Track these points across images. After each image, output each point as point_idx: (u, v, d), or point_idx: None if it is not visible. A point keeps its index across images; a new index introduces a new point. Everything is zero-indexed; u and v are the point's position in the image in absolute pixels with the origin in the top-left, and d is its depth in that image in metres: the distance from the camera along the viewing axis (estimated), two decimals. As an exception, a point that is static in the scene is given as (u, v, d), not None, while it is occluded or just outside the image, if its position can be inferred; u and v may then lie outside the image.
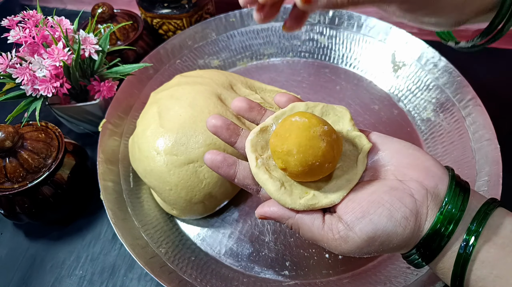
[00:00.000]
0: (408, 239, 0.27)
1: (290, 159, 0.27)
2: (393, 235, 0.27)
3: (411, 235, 0.27)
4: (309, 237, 0.29)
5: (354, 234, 0.27)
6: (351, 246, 0.27)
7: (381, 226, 0.27)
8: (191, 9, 0.63)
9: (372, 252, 0.28)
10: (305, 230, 0.29)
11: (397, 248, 0.28)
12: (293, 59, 0.64)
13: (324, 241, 0.28)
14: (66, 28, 0.48)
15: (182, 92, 0.46)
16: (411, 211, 0.27)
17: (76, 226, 0.49)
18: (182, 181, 0.42)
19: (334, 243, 0.28)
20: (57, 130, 0.47)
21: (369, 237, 0.27)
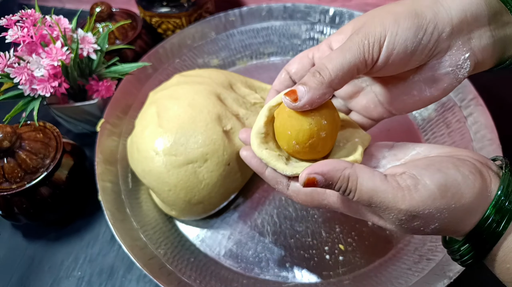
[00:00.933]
0: (478, 196, 0.24)
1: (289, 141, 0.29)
2: (464, 186, 0.24)
3: (480, 192, 0.24)
4: (369, 188, 0.25)
5: (425, 182, 0.24)
6: (423, 194, 0.24)
7: (451, 175, 0.24)
8: (190, 8, 0.63)
9: (444, 209, 0.24)
10: (365, 179, 0.25)
11: (468, 208, 0.24)
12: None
13: (388, 192, 0.24)
14: (65, 27, 0.48)
15: (181, 92, 0.46)
16: (475, 168, 0.25)
17: (75, 226, 0.49)
18: (181, 182, 0.42)
19: (400, 193, 0.24)
20: (55, 130, 0.47)
21: (441, 184, 0.24)
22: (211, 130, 0.43)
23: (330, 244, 0.44)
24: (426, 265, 0.40)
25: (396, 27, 0.27)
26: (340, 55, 0.27)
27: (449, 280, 0.36)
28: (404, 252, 0.43)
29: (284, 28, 0.64)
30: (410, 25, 0.26)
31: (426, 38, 0.27)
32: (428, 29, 0.26)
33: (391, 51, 0.27)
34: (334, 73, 0.27)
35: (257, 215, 0.47)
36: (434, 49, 0.27)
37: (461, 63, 0.28)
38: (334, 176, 0.26)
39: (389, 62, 0.27)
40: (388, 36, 0.27)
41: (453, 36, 0.27)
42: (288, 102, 0.27)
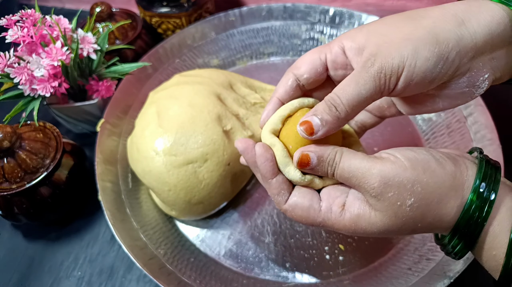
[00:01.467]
0: (451, 177, 0.25)
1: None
2: (435, 165, 0.26)
3: (454, 174, 0.26)
4: (350, 158, 0.27)
5: (396, 155, 0.26)
6: (394, 163, 0.26)
7: (421, 154, 0.26)
8: (190, 8, 0.63)
9: (415, 180, 0.25)
10: (348, 153, 0.27)
11: (442, 186, 0.25)
12: (293, 59, 0.64)
13: (365, 161, 0.26)
14: (65, 27, 0.48)
15: (181, 92, 0.46)
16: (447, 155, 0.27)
17: (75, 226, 0.49)
18: (181, 182, 0.42)
19: (374, 161, 0.26)
20: (55, 130, 0.47)
21: (410, 158, 0.26)
22: (211, 130, 0.43)
23: (330, 244, 0.44)
24: (426, 265, 0.40)
25: (415, 59, 0.25)
26: (356, 88, 0.26)
27: (449, 280, 0.36)
28: (404, 252, 0.43)
29: (284, 28, 0.64)
30: (430, 55, 0.25)
31: (446, 67, 0.26)
32: (449, 58, 0.25)
33: (408, 83, 0.26)
34: (350, 109, 0.27)
35: (257, 215, 0.47)
36: (454, 74, 0.26)
37: (479, 84, 0.27)
38: (324, 153, 0.27)
39: (406, 91, 0.27)
40: (406, 67, 0.26)
41: (474, 59, 0.26)
42: (304, 135, 0.28)
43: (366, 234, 0.28)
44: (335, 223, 0.28)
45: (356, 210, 0.27)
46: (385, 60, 0.26)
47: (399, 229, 0.26)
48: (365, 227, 0.27)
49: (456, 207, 0.25)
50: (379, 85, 0.26)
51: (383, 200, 0.26)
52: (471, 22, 0.25)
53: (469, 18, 0.25)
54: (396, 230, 0.27)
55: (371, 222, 0.27)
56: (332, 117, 0.27)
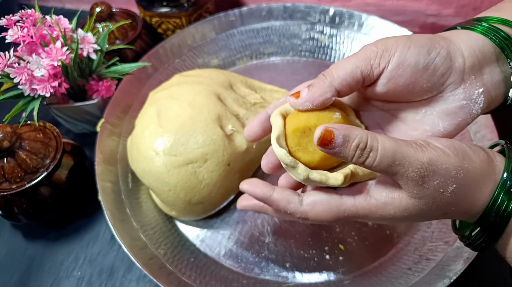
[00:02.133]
0: (486, 164, 0.26)
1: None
2: (470, 152, 0.26)
3: (487, 161, 0.26)
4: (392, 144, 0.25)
5: (435, 144, 0.26)
6: (439, 150, 0.25)
7: (456, 143, 0.26)
8: (191, 8, 0.63)
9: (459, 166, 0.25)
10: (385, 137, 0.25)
11: (480, 174, 0.25)
12: (293, 59, 0.64)
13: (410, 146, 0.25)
14: (64, 27, 0.48)
15: (181, 92, 0.46)
16: (477, 145, 0.27)
17: (75, 226, 0.49)
18: (181, 182, 0.42)
19: (419, 149, 0.25)
20: (55, 130, 0.47)
21: (450, 146, 0.26)
22: (211, 130, 0.43)
23: (330, 244, 0.44)
24: (426, 265, 0.40)
25: (409, 42, 0.27)
26: (347, 59, 0.28)
27: (449, 280, 0.36)
28: (404, 252, 0.43)
29: (284, 28, 0.64)
30: (423, 43, 0.27)
31: (439, 60, 0.27)
32: (441, 53, 0.27)
33: (402, 61, 0.27)
34: (337, 74, 0.27)
35: (257, 215, 0.47)
36: (447, 77, 0.27)
37: (475, 98, 0.28)
38: (350, 133, 0.24)
39: (399, 73, 0.27)
40: (400, 47, 0.27)
41: (466, 71, 0.27)
42: (291, 100, 0.28)
43: (392, 219, 0.27)
44: (360, 209, 0.27)
45: (383, 198, 0.26)
46: (382, 41, 0.28)
47: (431, 213, 0.26)
48: (393, 213, 0.26)
49: (488, 191, 0.26)
50: (369, 57, 0.27)
51: (428, 188, 0.25)
52: (454, 38, 0.28)
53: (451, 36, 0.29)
54: (427, 215, 0.26)
55: (401, 208, 0.26)
56: (318, 83, 0.28)
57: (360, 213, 0.27)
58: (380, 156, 0.24)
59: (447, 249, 0.40)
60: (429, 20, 0.66)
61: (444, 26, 0.65)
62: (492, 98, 0.28)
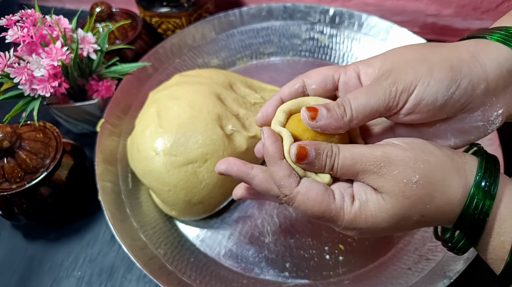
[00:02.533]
0: (449, 159, 0.26)
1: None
2: (430, 147, 0.26)
3: (452, 156, 0.26)
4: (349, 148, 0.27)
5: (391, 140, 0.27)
6: (393, 146, 0.26)
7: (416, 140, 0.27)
8: (191, 8, 0.63)
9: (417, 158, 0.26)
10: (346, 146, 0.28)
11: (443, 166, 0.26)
12: (293, 59, 0.64)
13: (364, 147, 0.27)
14: (65, 27, 0.48)
15: (181, 92, 0.46)
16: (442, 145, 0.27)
17: (75, 226, 0.49)
18: (181, 182, 0.42)
19: (375, 146, 0.27)
20: (55, 130, 0.47)
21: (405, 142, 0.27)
22: (211, 130, 0.43)
23: (330, 244, 0.44)
24: (426, 265, 0.40)
25: (428, 78, 0.26)
26: (365, 97, 0.27)
27: (449, 280, 0.36)
28: (404, 252, 0.43)
29: (284, 28, 0.64)
30: (444, 77, 0.26)
31: (458, 93, 0.26)
32: (462, 84, 0.26)
33: (419, 102, 0.27)
34: (355, 114, 0.27)
35: (257, 215, 0.47)
36: (467, 104, 0.27)
37: (493, 119, 0.27)
38: (320, 146, 0.27)
39: (416, 111, 0.27)
40: (418, 85, 0.26)
41: (488, 93, 0.27)
42: (306, 118, 0.28)
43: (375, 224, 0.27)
44: (346, 214, 0.27)
45: (364, 196, 0.27)
46: (399, 75, 0.27)
47: (408, 211, 0.26)
48: (374, 212, 0.26)
49: (461, 187, 0.25)
50: (388, 98, 0.27)
51: (390, 179, 0.26)
52: (481, 56, 0.27)
53: (479, 52, 0.27)
54: (405, 213, 0.26)
55: (379, 206, 0.26)
56: (337, 115, 0.27)
57: (346, 218, 0.27)
58: (341, 158, 0.27)
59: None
60: (429, 20, 0.66)
61: (444, 26, 0.65)
62: (510, 115, 0.28)
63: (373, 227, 0.27)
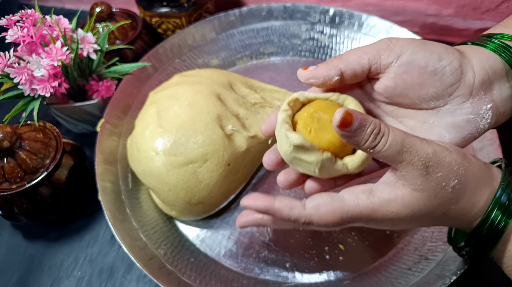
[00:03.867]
0: (484, 168, 0.27)
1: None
2: (470, 156, 0.27)
3: (485, 166, 0.27)
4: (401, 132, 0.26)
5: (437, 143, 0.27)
6: (441, 145, 0.27)
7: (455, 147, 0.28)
8: (191, 8, 0.63)
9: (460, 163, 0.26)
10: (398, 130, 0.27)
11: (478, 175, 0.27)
12: (293, 59, 0.64)
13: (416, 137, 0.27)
14: (65, 27, 0.48)
15: (181, 92, 0.46)
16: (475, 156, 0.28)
17: (75, 226, 0.49)
18: (181, 182, 0.42)
19: (425, 141, 0.26)
20: (55, 130, 0.47)
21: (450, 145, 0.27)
22: (211, 130, 0.43)
23: (330, 244, 0.44)
24: (426, 265, 0.40)
25: (423, 45, 0.28)
26: (359, 47, 0.29)
27: (449, 280, 0.36)
28: (404, 252, 0.43)
29: (284, 28, 0.64)
30: (437, 50, 0.28)
31: (449, 69, 0.27)
32: (453, 63, 0.28)
33: (411, 60, 0.28)
34: (345, 57, 0.29)
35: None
36: (456, 89, 0.28)
37: (483, 113, 0.28)
38: (367, 118, 0.25)
39: (406, 70, 0.28)
40: (413, 46, 0.28)
41: (475, 86, 0.28)
42: (300, 70, 0.30)
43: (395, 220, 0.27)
44: (363, 209, 0.27)
45: (386, 195, 0.27)
46: (396, 38, 0.29)
47: (434, 209, 0.26)
48: (396, 211, 0.26)
49: (485, 197, 0.26)
50: (380, 48, 0.28)
51: (431, 180, 0.25)
52: (467, 53, 0.29)
53: (465, 50, 0.29)
54: (430, 211, 0.26)
55: (404, 204, 0.26)
56: (327, 62, 0.30)
57: (363, 212, 0.27)
58: (390, 141, 0.25)
59: (447, 249, 0.40)
60: (429, 20, 0.66)
61: (444, 26, 0.65)
62: (501, 114, 0.29)
63: (393, 220, 0.27)
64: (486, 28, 0.33)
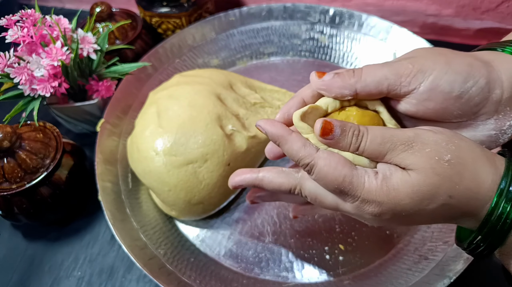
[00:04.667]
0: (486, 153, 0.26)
1: None
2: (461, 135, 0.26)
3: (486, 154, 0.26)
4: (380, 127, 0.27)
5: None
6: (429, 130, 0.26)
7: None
8: (191, 8, 0.63)
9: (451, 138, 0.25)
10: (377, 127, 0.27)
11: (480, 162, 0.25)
12: (293, 59, 0.64)
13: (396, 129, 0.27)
14: (65, 27, 0.48)
15: (181, 92, 0.46)
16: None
17: (75, 226, 0.49)
18: (181, 182, 0.42)
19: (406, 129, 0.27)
20: (55, 130, 0.47)
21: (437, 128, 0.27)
22: (211, 130, 0.43)
23: (330, 244, 0.44)
24: (426, 265, 0.40)
25: (446, 67, 0.26)
26: (381, 67, 0.27)
27: (449, 280, 0.36)
28: (404, 252, 0.43)
29: (284, 28, 0.64)
30: (462, 70, 0.26)
31: (475, 90, 0.26)
32: (479, 82, 0.26)
33: (435, 87, 0.26)
34: (364, 77, 0.27)
35: (257, 215, 0.47)
36: (481, 107, 0.27)
37: (506, 129, 0.27)
38: (345, 123, 0.27)
39: (430, 97, 0.27)
40: (436, 71, 0.26)
41: (502, 102, 0.26)
42: (313, 76, 0.29)
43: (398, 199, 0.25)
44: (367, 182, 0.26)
45: (387, 172, 0.26)
46: (419, 59, 0.27)
47: (436, 189, 0.25)
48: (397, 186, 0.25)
49: (491, 174, 0.25)
50: (403, 71, 0.27)
51: (421, 156, 0.25)
52: (496, 63, 0.27)
53: (494, 60, 0.27)
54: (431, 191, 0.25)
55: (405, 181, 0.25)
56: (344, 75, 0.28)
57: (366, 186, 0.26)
58: (370, 138, 0.26)
59: (447, 249, 0.40)
60: (429, 20, 0.66)
61: (444, 26, 0.65)
62: None
63: (394, 202, 0.25)
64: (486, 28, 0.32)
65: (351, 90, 0.27)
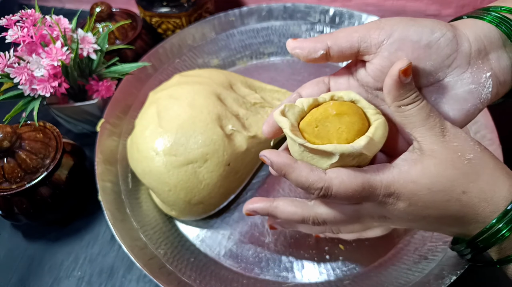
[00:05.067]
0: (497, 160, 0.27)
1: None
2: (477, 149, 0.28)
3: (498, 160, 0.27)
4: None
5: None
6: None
7: None
8: (190, 8, 0.63)
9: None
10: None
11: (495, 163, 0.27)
12: (293, 59, 0.64)
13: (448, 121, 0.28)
14: (65, 27, 0.48)
15: (181, 92, 0.46)
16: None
17: (75, 226, 0.49)
18: (181, 182, 0.42)
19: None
20: (55, 130, 0.47)
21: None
22: (211, 130, 0.43)
23: (330, 244, 0.44)
24: (426, 265, 0.40)
25: (413, 21, 0.28)
26: (351, 27, 0.29)
27: (449, 280, 0.36)
28: (404, 252, 0.43)
29: (284, 28, 0.64)
30: (428, 24, 0.27)
31: (443, 40, 0.27)
32: (446, 34, 0.27)
33: (403, 37, 0.27)
34: (335, 33, 0.29)
35: (257, 215, 0.47)
36: (453, 60, 0.27)
37: (483, 82, 0.28)
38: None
39: (399, 47, 0.27)
40: (403, 24, 0.28)
41: (472, 55, 0.28)
42: (289, 41, 0.30)
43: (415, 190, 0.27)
44: (384, 178, 0.27)
45: (406, 167, 0.27)
46: (386, 19, 0.29)
47: (452, 183, 0.26)
48: (416, 177, 0.27)
49: (508, 185, 0.26)
50: (370, 27, 0.28)
51: (448, 147, 0.26)
52: (460, 25, 0.28)
53: (458, 23, 0.29)
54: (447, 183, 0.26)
55: (423, 170, 0.26)
56: (316, 36, 0.30)
57: (383, 181, 0.27)
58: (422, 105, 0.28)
59: (447, 249, 0.40)
60: (429, 20, 0.66)
61: (444, 26, 0.65)
62: (501, 83, 0.28)
63: (412, 192, 0.27)
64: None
65: (323, 45, 0.29)
